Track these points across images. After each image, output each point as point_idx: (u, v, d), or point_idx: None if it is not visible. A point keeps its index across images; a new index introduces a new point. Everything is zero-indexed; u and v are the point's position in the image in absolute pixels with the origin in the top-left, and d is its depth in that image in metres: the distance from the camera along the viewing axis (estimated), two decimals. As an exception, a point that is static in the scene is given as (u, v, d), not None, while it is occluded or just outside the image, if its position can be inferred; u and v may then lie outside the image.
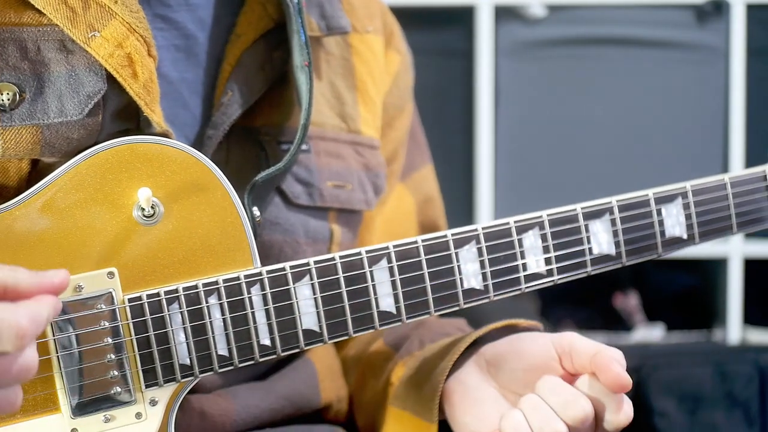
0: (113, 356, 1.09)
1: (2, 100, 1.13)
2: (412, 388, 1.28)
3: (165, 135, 1.16)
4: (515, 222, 1.21)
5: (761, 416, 2.60)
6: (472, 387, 1.22)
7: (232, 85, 1.25)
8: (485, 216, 2.68)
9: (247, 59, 1.26)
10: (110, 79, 1.15)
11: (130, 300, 1.10)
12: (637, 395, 2.58)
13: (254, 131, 1.27)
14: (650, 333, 2.85)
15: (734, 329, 2.76)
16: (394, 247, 1.17)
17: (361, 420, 1.40)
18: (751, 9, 2.73)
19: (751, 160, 2.70)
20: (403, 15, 1.57)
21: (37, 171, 1.14)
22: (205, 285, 1.12)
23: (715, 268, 2.82)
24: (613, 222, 1.25)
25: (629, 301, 2.90)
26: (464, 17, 2.71)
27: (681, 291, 2.96)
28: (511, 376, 1.20)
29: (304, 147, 1.30)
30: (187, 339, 1.11)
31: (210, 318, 1.12)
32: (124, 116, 1.17)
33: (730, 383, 2.59)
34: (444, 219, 1.53)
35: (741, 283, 2.75)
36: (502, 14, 2.70)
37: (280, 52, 1.27)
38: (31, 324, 0.97)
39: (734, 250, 2.74)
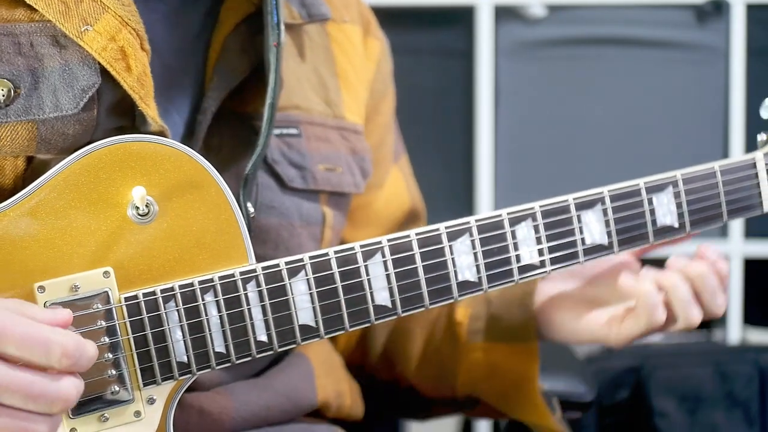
0: (110, 355, 1.09)
1: None
2: (495, 320, 1.40)
3: (161, 132, 1.16)
4: (508, 214, 1.21)
5: (761, 416, 2.60)
6: (564, 297, 1.39)
7: (218, 70, 1.26)
8: (485, 216, 2.67)
9: (230, 44, 1.28)
10: (104, 74, 1.16)
11: (127, 299, 1.10)
12: (637, 395, 2.58)
13: (247, 117, 1.28)
14: (651, 333, 2.85)
15: (734, 329, 2.76)
16: (388, 241, 1.17)
17: (412, 371, 1.46)
18: (751, 9, 2.73)
19: (751, 160, 2.70)
20: (404, 15, 1.58)
21: (33, 169, 1.14)
22: (200, 282, 1.12)
23: (715, 267, 2.81)
24: (604, 212, 1.26)
25: (630, 302, 2.90)
26: (464, 17, 2.71)
27: (681, 291, 2.96)
28: (594, 281, 1.38)
29: (294, 131, 1.31)
30: (184, 337, 1.11)
31: (206, 315, 1.12)
32: (119, 111, 1.17)
33: (730, 383, 2.59)
34: (423, 204, 1.58)
35: (741, 283, 2.75)
36: (502, 14, 2.70)
37: (262, 36, 1.28)
38: (77, 351, 1.01)
39: (734, 250, 2.73)
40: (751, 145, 2.70)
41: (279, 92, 1.26)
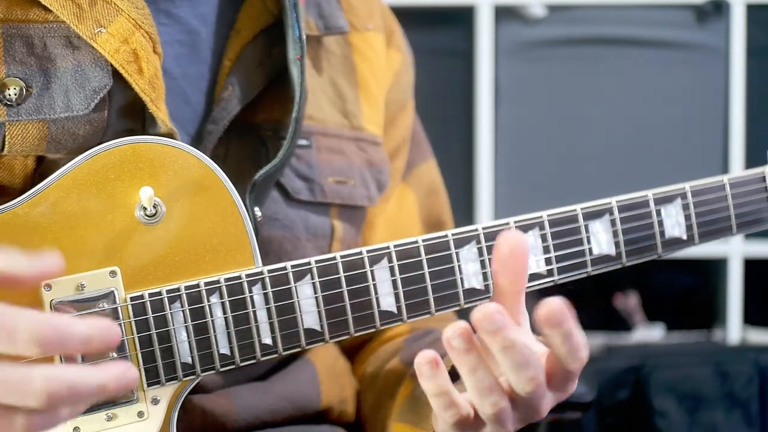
0: (115, 355, 1.09)
1: (9, 94, 1.13)
2: (412, 402, 1.27)
3: (170, 134, 1.16)
4: (515, 222, 1.20)
5: (761, 416, 2.61)
6: None
7: (232, 81, 1.25)
8: (485, 216, 2.68)
9: (247, 54, 1.27)
10: (116, 76, 1.16)
11: (132, 299, 1.09)
12: (637, 395, 2.59)
13: (255, 127, 1.27)
14: (650, 333, 2.86)
15: (734, 329, 2.76)
16: (395, 246, 1.16)
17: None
18: (751, 9, 2.74)
19: (751, 160, 2.71)
20: (403, 15, 1.57)
21: (42, 169, 1.14)
22: (206, 284, 1.11)
23: (715, 268, 2.82)
24: (612, 222, 1.25)
25: (629, 301, 2.91)
26: (464, 17, 2.71)
27: (681, 291, 2.97)
28: None
29: (304, 142, 1.30)
30: (188, 338, 1.11)
31: (212, 317, 1.12)
32: (129, 113, 1.17)
33: (730, 383, 2.60)
34: (449, 214, 1.52)
35: (741, 283, 2.75)
36: (502, 14, 2.70)
37: (280, 47, 1.28)
38: (54, 333, 0.91)
39: (734, 250, 2.74)
40: (750, 146, 2.72)
41: (303, 105, 1.25)
